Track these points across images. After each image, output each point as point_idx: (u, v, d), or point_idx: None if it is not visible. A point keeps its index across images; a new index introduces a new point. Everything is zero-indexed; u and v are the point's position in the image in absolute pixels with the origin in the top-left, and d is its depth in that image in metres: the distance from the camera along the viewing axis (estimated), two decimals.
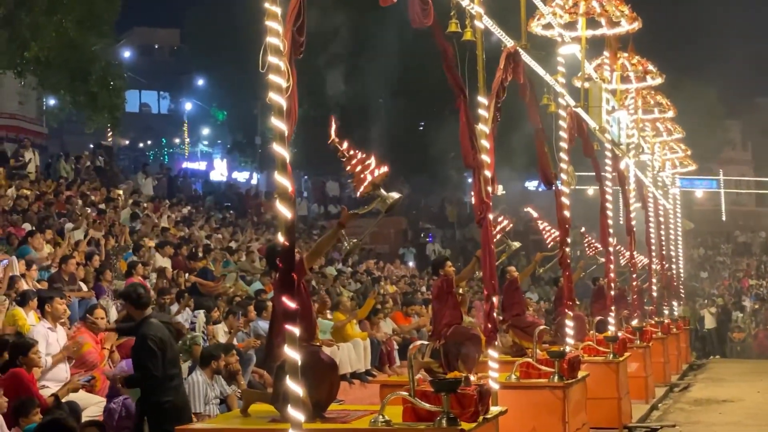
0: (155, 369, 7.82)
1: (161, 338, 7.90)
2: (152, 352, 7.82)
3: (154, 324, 8.03)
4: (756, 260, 43.70)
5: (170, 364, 8.03)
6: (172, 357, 8.06)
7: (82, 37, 22.24)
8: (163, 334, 7.97)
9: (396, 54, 35.63)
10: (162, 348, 7.87)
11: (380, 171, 7.26)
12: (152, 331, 7.91)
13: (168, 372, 7.97)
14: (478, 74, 9.56)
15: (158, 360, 7.83)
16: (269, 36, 6.25)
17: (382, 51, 34.84)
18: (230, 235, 24.47)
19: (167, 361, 7.95)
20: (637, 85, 18.42)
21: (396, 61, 35.93)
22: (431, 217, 42.21)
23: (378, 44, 34.27)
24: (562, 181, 12.52)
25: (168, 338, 8.02)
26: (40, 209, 18.41)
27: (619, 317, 16.54)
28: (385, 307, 17.70)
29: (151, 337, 7.85)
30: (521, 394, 10.16)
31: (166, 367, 7.92)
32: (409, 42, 32.78)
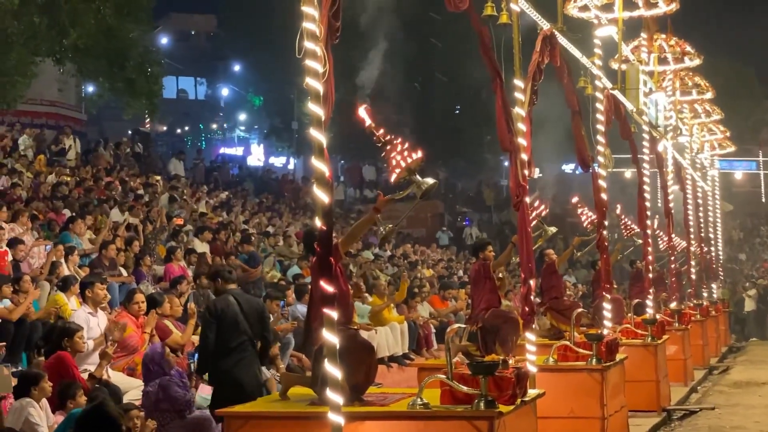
0: (207, 336, 8.39)
1: (222, 309, 8.42)
2: (206, 321, 8.45)
3: (224, 297, 8.59)
4: None
5: (231, 337, 8.42)
6: (235, 330, 8.45)
7: (120, 24, 22.37)
8: (226, 306, 8.46)
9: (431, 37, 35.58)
10: (219, 317, 8.38)
11: (415, 157, 7.28)
12: (216, 302, 8.55)
13: (228, 344, 8.39)
14: (514, 57, 9.54)
15: (211, 328, 8.37)
16: (306, 21, 6.29)
17: (417, 34, 34.78)
18: (267, 219, 24.60)
19: (227, 332, 8.38)
20: (675, 66, 18.28)
21: (431, 45, 35.89)
22: (468, 200, 42.16)
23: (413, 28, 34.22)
24: (599, 164, 12.47)
25: (233, 311, 8.45)
26: (80, 195, 18.61)
27: (658, 300, 16.48)
28: (422, 290, 17.74)
29: (208, 307, 8.50)
30: (559, 376, 10.17)
31: (224, 338, 8.37)
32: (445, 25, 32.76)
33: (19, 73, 21.03)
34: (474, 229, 36.16)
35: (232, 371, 8.37)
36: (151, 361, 9.02)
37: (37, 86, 24.96)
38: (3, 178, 17.68)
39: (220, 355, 8.42)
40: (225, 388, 8.35)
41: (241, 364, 8.47)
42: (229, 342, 8.41)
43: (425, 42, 35.68)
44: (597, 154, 12.53)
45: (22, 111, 26.94)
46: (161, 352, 9.14)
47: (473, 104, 37.00)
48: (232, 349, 8.43)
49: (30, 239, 13.71)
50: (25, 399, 7.48)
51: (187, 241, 17.34)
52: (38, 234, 14.55)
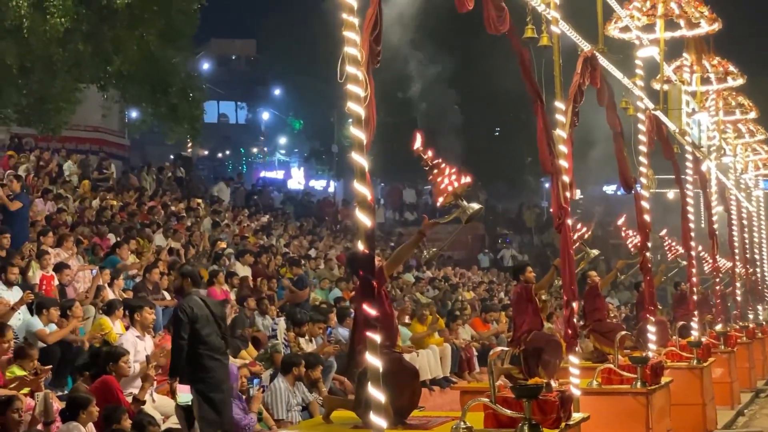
0: (182, 337, 8.59)
1: (193, 309, 8.69)
2: (181, 322, 8.65)
3: (192, 298, 8.84)
4: None
5: (207, 336, 8.70)
6: (210, 329, 8.75)
7: (162, 50, 22.65)
8: (198, 307, 8.73)
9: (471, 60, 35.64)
10: (193, 319, 8.63)
11: (463, 181, 7.29)
12: (188, 303, 8.77)
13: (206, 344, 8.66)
14: (554, 79, 9.52)
15: (186, 329, 8.59)
16: (347, 46, 6.32)
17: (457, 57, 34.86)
18: (308, 243, 24.68)
19: (203, 332, 8.66)
20: (718, 86, 18.12)
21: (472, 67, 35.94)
22: (509, 222, 42.02)
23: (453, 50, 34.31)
24: (642, 185, 12.39)
25: (205, 312, 8.75)
26: (124, 220, 18.80)
27: (703, 322, 16.28)
28: (463, 313, 17.68)
29: (183, 308, 8.71)
30: (603, 400, 10.09)
31: (201, 338, 8.63)
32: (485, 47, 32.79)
33: (63, 99, 21.34)
34: (512, 251, 36.00)
35: (213, 370, 8.63)
36: None
37: (81, 112, 25.29)
38: (49, 204, 17.90)
39: (198, 354, 8.63)
40: (206, 386, 8.56)
41: (219, 363, 8.76)
42: (206, 342, 8.68)
43: (466, 64, 35.75)
44: (639, 175, 12.45)
45: (66, 137, 27.27)
46: (237, 374, 9.27)
47: (514, 126, 36.98)
48: (210, 347, 8.69)
49: (75, 264, 13.85)
50: (72, 423, 7.55)
51: (229, 265, 17.43)
52: (83, 258, 14.70)
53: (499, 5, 8.27)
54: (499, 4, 8.28)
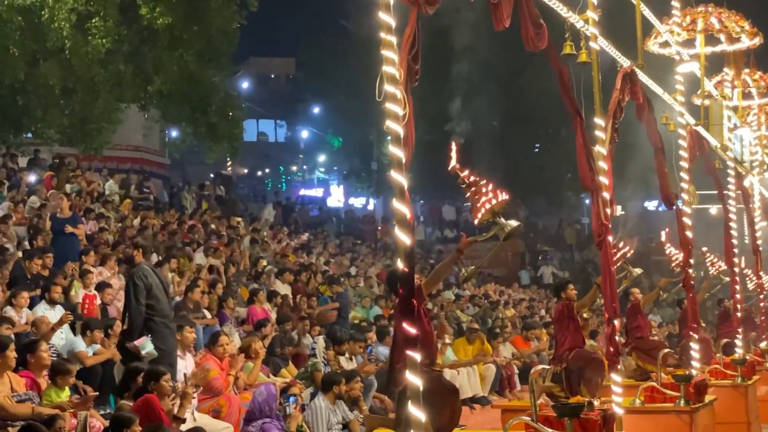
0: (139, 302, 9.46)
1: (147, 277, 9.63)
2: (138, 288, 9.54)
3: (143, 268, 9.84)
4: None
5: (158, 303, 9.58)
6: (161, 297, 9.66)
7: (201, 70, 22.88)
8: (151, 275, 9.69)
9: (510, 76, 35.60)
10: (148, 287, 9.53)
11: (500, 199, 7.26)
12: (141, 271, 9.70)
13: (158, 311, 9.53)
14: (594, 95, 9.46)
15: (143, 295, 9.48)
16: (385, 65, 6.32)
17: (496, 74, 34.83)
18: (349, 260, 24.71)
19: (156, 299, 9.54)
20: (760, 101, 17.93)
21: (510, 84, 35.89)
22: (549, 239, 41.82)
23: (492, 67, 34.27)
24: (683, 201, 12.28)
25: (156, 281, 9.70)
26: (165, 239, 18.94)
27: (747, 339, 16.07)
28: (504, 331, 17.59)
29: (138, 275, 9.60)
30: (646, 418, 9.97)
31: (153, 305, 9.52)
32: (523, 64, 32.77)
33: (105, 119, 21.61)
34: (552, 268, 35.80)
35: (165, 337, 9.49)
36: (265, 402, 9.18)
37: (122, 132, 25.61)
38: (91, 223, 18.08)
39: (152, 321, 9.44)
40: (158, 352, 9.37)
41: (170, 331, 9.60)
42: (158, 309, 9.46)
43: (504, 81, 35.71)
44: (681, 191, 12.34)
45: (108, 157, 27.62)
46: (275, 393, 9.31)
47: (553, 142, 36.86)
48: (162, 315, 9.51)
49: (117, 283, 13.96)
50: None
51: (270, 283, 17.49)
52: (124, 278, 14.81)
53: (538, 22, 8.25)
54: (538, 21, 8.25)
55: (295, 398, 9.99)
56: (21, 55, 19.30)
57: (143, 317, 9.44)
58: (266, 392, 9.28)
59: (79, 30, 19.85)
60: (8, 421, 7.58)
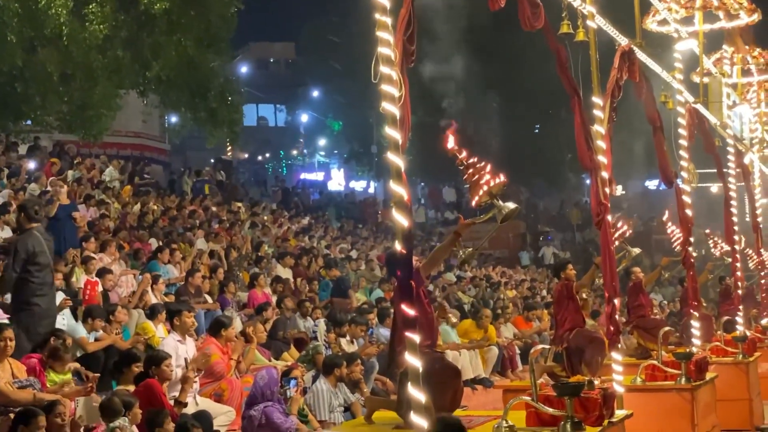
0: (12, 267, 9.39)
1: (34, 246, 9.43)
2: (15, 253, 9.42)
3: (32, 234, 9.58)
4: None
5: (41, 272, 9.45)
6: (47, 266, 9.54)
7: (200, 55, 22.80)
8: (38, 243, 9.48)
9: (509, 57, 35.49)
10: (28, 253, 9.37)
11: (498, 181, 7.25)
12: (27, 239, 9.52)
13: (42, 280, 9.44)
14: (592, 74, 9.44)
15: (18, 260, 9.35)
16: (380, 46, 6.32)
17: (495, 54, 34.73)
18: (350, 244, 24.71)
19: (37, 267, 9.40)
20: (759, 77, 17.89)
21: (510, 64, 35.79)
22: (550, 220, 41.80)
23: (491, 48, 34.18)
24: (683, 180, 12.27)
25: (42, 249, 9.51)
26: (166, 224, 18.94)
27: (748, 316, 16.08)
28: (505, 312, 17.61)
29: (22, 244, 9.47)
30: (647, 396, 10.00)
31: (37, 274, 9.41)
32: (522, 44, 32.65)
33: (104, 106, 21.55)
34: (553, 249, 35.79)
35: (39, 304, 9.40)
36: (266, 386, 9.20)
37: (121, 118, 25.55)
38: (91, 210, 18.08)
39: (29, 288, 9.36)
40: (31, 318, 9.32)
41: (47, 298, 9.54)
42: (38, 276, 9.41)
43: (504, 62, 35.61)
44: (680, 169, 12.33)
45: (107, 143, 27.56)
46: (276, 377, 9.33)
47: (554, 123, 36.79)
48: (42, 282, 9.45)
49: (118, 269, 13.98)
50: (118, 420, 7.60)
51: (270, 268, 17.50)
52: (125, 264, 14.83)
53: (534, 1, 8.22)
54: (534, 1, 8.22)
55: (296, 381, 10.01)
56: (18, 42, 19.24)
57: (11, 284, 9.50)
58: (267, 376, 9.31)
59: (77, 16, 19.79)
60: (10, 407, 7.59)
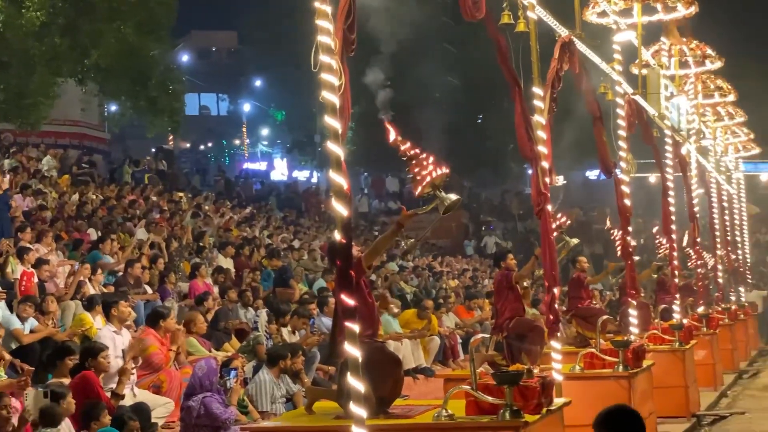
0: None
1: None
2: None
3: None
4: None
5: None
6: None
7: (141, 42, 22.54)
8: None
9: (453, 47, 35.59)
10: None
11: (440, 172, 7.26)
12: None
13: None
14: (532, 65, 9.50)
15: None
16: (320, 35, 6.29)
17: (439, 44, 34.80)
18: (292, 234, 24.64)
19: None
20: (696, 69, 18.15)
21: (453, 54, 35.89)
22: (492, 209, 42.05)
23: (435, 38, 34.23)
24: (622, 169, 12.41)
25: None
26: (105, 215, 18.71)
27: (684, 305, 16.32)
28: (447, 301, 17.69)
29: None
30: (585, 384, 10.08)
31: None
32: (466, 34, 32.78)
33: (42, 94, 21.22)
34: (495, 238, 36.03)
35: None
36: (205, 377, 9.12)
37: (60, 107, 25.16)
38: (28, 199, 17.79)
39: None
40: None
41: None
42: None
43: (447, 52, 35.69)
44: (619, 159, 12.46)
45: (45, 132, 27.16)
46: (215, 368, 9.25)
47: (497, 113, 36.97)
48: None
49: (55, 259, 13.78)
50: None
51: (211, 258, 17.38)
52: (63, 254, 14.63)
53: None
54: None
55: (236, 372, 9.97)
56: None
57: None
58: (206, 366, 9.24)
59: (13, 2, 19.45)
60: None
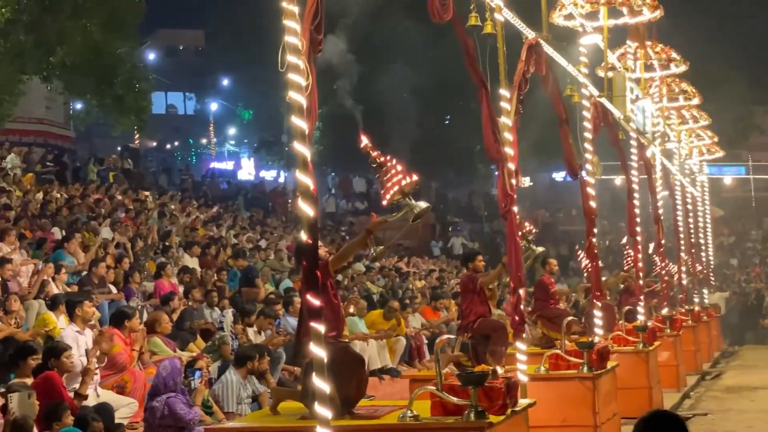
0: None
1: None
2: None
3: None
4: None
5: None
6: None
7: (107, 40, 22.41)
8: None
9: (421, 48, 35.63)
10: None
11: (410, 180, 7.29)
12: None
13: None
14: (499, 67, 9.54)
15: None
16: (287, 35, 6.28)
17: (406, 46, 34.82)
18: (259, 233, 24.56)
19: None
20: (661, 73, 18.31)
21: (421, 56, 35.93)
22: (459, 210, 42.15)
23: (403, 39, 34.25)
24: (588, 172, 12.48)
25: None
26: (69, 213, 18.55)
27: (649, 306, 16.46)
28: (413, 302, 17.70)
29: None
30: (550, 385, 10.15)
31: None
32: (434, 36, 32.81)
33: (6, 91, 21.03)
34: (461, 240, 36.12)
35: None
36: (169, 377, 9.08)
37: (24, 104, 24.95)
38: None
39: None
40: None
41: None
42: None
43: (414, 54, 35.72)
44: (585, 161, 12.54)
45: (9, 129, 26.91)
46: (180, 368, 9.20)
47: (464, 114, 37.07)
48: None
49: (18, 258, 13.65)
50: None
51: (177, 257, 17.28)
52: (27, 253, 14.49)
53: None
54: None
55: (200, 372, 9.92)
56: None
57: None
58: (170, 366, 9.20)
59: None
60: None
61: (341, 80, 11.33)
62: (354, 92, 30.55)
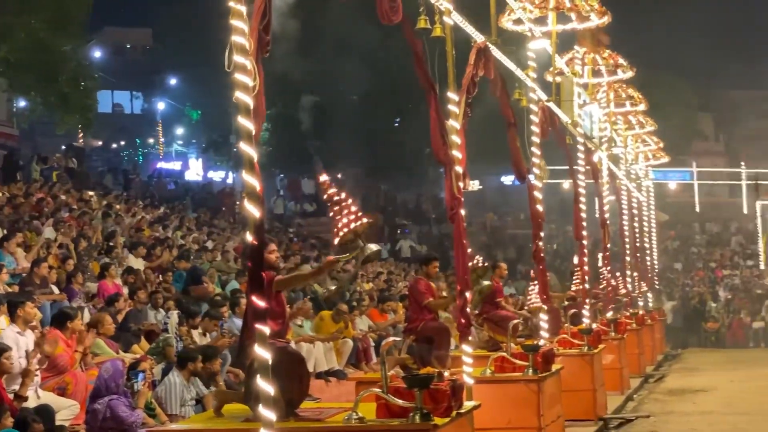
0: None
1: None
2: None
3: None
4: (729, 251, 43.85)
5: None
6: None
7: (52, 37, 22.13)
8: None
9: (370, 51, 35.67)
10: None
11: (363, 221, 7.28)
12: None
13: None
14: (448, 70, 9.56)
15: None
16: (234, 35, 6.22)
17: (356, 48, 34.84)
18: (206, 234, 24.37)
19: None
20: (609, 78, 18.50)
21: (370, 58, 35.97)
22: (407, 213, 42.21)
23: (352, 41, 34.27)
24: (535, 176, 12.56)
25: None
26: (11, 213, 18.26)
27: (593, 310, 16.59)
28: (361, 304, 17.67)
29: None
30: (496, 388, 10.18)
31: None
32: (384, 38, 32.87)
33: None
34: (409, 242, 36.17)
35: None
36: (111, 379, 8.96)
37: None
38: None
39: None
40: None
41: None
42: None
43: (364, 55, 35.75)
44: (532, 165, 12.61)
45: None
46: (122, 370, 9.08)
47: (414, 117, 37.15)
48: None
49: None
50: None
51: (122, 258, 17.08)
52: None
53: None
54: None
55: (143, 374, 9.80)
56: None
57: None
58: (112, 368, 9.08)
59: None
60: None
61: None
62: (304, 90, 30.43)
